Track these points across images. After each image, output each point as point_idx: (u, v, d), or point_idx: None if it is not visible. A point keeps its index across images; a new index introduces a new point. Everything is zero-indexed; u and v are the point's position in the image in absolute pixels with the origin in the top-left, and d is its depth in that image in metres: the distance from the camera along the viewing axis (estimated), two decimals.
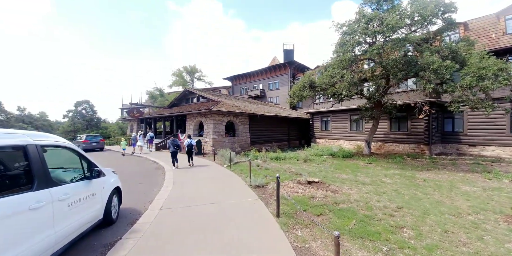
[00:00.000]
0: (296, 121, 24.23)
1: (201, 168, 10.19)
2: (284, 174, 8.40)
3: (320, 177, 8.16)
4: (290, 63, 29.55)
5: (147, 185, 7.61)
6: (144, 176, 9.17)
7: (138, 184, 7.79)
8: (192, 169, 9.96)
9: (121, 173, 10.10)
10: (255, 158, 13.61)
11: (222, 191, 6.15)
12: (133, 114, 24.81)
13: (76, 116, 50.90)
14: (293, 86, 15.50)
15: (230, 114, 16.41)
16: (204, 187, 6.67)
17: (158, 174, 9.37)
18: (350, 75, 11.12)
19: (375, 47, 10.58)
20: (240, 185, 6.77)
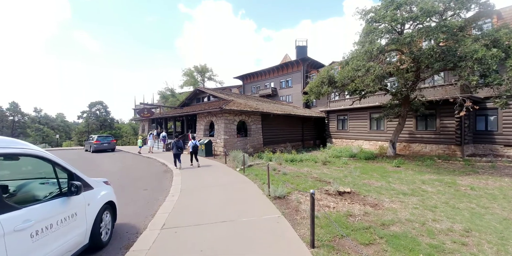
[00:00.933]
0: (310, 121, 23.00)
1: (211, 171, 9.31)
2: (306, 180, 7.34)
3: (348, 184, 7.05)
4: (304, 60, 28.27)
5: (152, 192, 6.79)
6: (150, 180, 8.40)
7: (142, 190, 6.99)
8: (202, 172, 9.10)
9: (126, 176, 9.49)
10: (269, 159, 12.61)
11: (236, 203, 5.19)
12: (144, 115, 24.44)
13: (90, 117, 51.82)
14: (310, 82, 14.37)
15: (242, 113, 15.49)
16: (215, 196, 5.75)
17: (165, 178, 8.57)
18: (378, 68, 9.86)
19: (407, 35, 9.30)
20: (256, 195, 5.80)
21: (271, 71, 32.76)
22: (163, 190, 6.85)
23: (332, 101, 22.72)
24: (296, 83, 29.49)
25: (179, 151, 10.30)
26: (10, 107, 41.27)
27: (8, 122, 40.29)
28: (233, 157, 11.18)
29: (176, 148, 10.27)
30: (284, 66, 30.69)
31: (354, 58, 11.24)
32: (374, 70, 9.91)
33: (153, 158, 14.60)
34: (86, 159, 15.85)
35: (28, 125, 43.73)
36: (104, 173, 10.14)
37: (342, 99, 22.09)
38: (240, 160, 9.73)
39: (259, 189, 6.28)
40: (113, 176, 9.41)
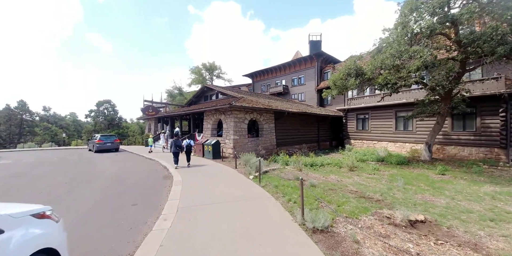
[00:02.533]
0: (326, 120, 21.10)
1: (219, 179, 7.67)
2: (345, 196, 5.57)
3: (405, 203, 5.27)
4: (318, 55, 26.34)
5: (142, 208, 5.22)
6: (145, 189, 6.85)
7: (130, 206, 5.42)
8: (207, 180, 7.47)
9: (119, 183, 7.83)
10: (285, 163, 10.90)
11: (256, 239, 3.46)
12: (149, 113, 23.22)
13: (98, 116, 51.44)
14: (333, 75, 12.56)
15: (253, 111, 13.83)
16: (223, 223, 4.04)
17: (163, 187, 7.00)
18: (427, 52, 7.99)
19: (466, 10, 7.38)
20: (284, 223, 4.01)
21: (282, 68, 30.98)
22: (156, 206, 5.26)
23: (351, 99, 20.77)
24: (310, 80, 27.60)
25: (178, 149, 10.33)
26: (18, 105, 41.22)
27: (16, 121, 40.22)
28: (245, 161, 9.52)
29: (175, 146, 10.29)
30: (296, 62, 28.85)
31: (390, 43, 9.39)
32: (421, 55, 8.03)
33: (155, 160, 13.16)
34: (84, 160, 14.58)
35: (36, 124, 43.59)
36: (95, 178, 8.71)
37: (362, 97, 20.13)
38: (254, 166, 8.06)
39: (284, 210, 4.53)
40: (104, 182, 7.97)
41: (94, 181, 8.19)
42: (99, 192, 6.68)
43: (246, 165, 9.17)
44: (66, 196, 6.31)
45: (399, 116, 17.35)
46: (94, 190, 6.91)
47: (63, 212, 5.05)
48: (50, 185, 7.74)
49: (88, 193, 6.63)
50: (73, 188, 7.19)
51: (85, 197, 6.20)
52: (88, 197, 6.24)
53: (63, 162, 13.92)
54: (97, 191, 6.80)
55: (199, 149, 13.86)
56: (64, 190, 7.01)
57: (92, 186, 7.44)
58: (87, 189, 7.13)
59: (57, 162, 13.99)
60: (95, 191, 6.85)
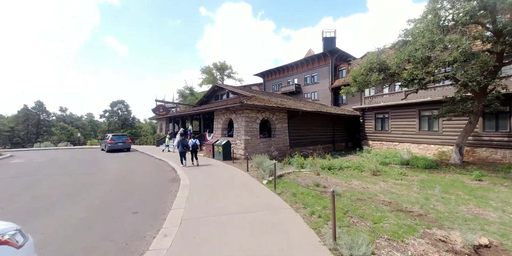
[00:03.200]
0: (342, 120, 20.03)
1: (229, 184, 6.99)
2: (378, 209, 4.68)
3: (446, 216, 4.37)
4: (332, 52, 25.25)
5: (142, 217, 4.62)
6: (149, 194, 6.28)
7: (130, 214, 4.85)
8: (217, 186, 6.81)
9: (123, 186, 7.20)
10: (300, 166, 10.10)
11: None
12: (159, 113, 23.01)
13: (112, 116, 52.42)
14: (352, 70, 11.61)
15: (265, 110, 13.10)
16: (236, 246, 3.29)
17: (169, 192, 6.42)
18: (466, 41, 6.98)
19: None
20: (310, 247, 3.16)
21: (294, 67, 30.06)
22: (158, 216, 4.65)
23: (369, 98, 19.61)
24: (323, 78, 26.54)
25: (185, 149, 10.51)
26: (36, 106, 42.62)
27: (34, 121, 41.58)
28: (257, 163, 8.80)
29: (182, 146, 10.47)
30: (309, 60, 27.86)
31: (420, 33, 8.40)
32: (459, 45, 7.02)
33: (164, 161, 12.72)
34: (94, 160, 14.39)
35: (53, 124, 44.90)
36: (100, 180, 8.28)
37: (381, 95, 18.94)
38: (267, 169, 7.32)
39: (308, 227, 3.73)
40: (109, 184, 7.52)
41: (98, 184, 7.75)
42: (100, 196, 6.18)
43: (259, 168, 8.45)
44: (64, 201, 5.84)
45: (423, 115, 16.09)
46: (96, 194, 6.43)
47: (55, 221, 4.54)
48: (52, 187, 7.36)
49: (89, 197, 6.15)
50: (74, 192, 6.75)
51: (84, 202, 5.71)
52: (88, 202, 5.74)
53: (73, 161, 13.77)
54: (99, 195, 6.30)
55: (209, 150, 13.30)
56: (64, 193, 6.58)
57: (94, 189, 6.98)
58: (89, 192, 6.66)
59: (68, 161, 13.86)
60: (96, 195, 6.36)
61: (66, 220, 4.57)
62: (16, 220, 4.76)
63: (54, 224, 4.40)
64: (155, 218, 4.56)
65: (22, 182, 8.16)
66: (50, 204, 5.65)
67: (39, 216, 4.86)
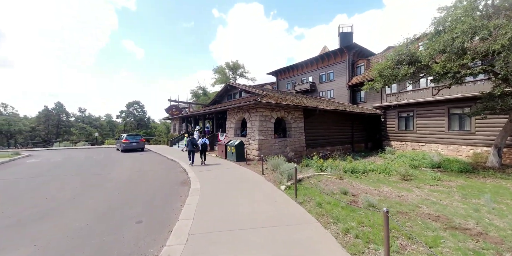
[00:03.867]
0: (361, 119, 18.88)
1: (243, 189, 6.33)
2: (431, 228, 3.72)
3: (505, 234, 3.49)
4: (349, 47, 24.03)
5: (145, 229, 4.07)
6: (156, 199, 5.76)
7: (133, 223, 4.31)
8: (230, 191, 6.18)
9: (131, 189, 6.49)
10: (319, 168, 9.29)
11: None
12: (172, 112, 22.89)
13: (128, 117, 53.54)
14: (377, 64, 10.64)
15: (280, 108, 12.37)
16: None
17: (177, 198, 5.87)
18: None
19: None
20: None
21: (309, 64, 29.04)
22: (164, 227, 4.08)
23: (390, 95, 18.35)
24: (340, 75, 25.35)
25: (194, 148, 10.55)
26: (56, 107, 44.25)
27: (54, 121, 43.19)
28: (272, 165, 8.09)
29: (191, 145, 10.51)
30: (324, 57, 26.76)
31: (457, 20, 7.36)
32: (506, 31, 5.98)
33: (176, 161, 12.31)
34: (107, 160, 14.28)
35: (72, 124, 46.47)
36: (109, 181, 7.92)
37: (404, 92, 17.66)
38: (285, 173, 6.58)
39: (344, 251, 2.92)
40: (116, 187, 7.14)
41: (106, 185, 7.37)
42: (105, 200, 5.73)
43: (275, 171, 7.74)
44: (66, 205, 5.43)
45: (452, 113, 14.72)
46: (101, 198, 5.99)
47: (51, 230, 4.07)
48: (59, 189, 7.05)
49: (92, 201, 5.71)
50: (78, 194, 6.37)
51: (86, 207, 5.26)
52: (91, 207, 5.29)
53: (87, 161, 13.70)
54: (104, 199, 5.86)
55: (221, 150, 12.74)
56: (69, 196, 6.20)
57: (100, 192, 6.57)
58: (94, 195, 6.25)
59: (82, 161, 13.81)
60: (101, 198, 5.93)
61: (63, 229, 4.10)
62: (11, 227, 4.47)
63: (50, 233, 3.93)
64: (160, 229, 3.98)
65: (31, 183, 7.94)
66: (52, 208, 5.25)
67: (37, 223, 4.44)
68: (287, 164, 7.47)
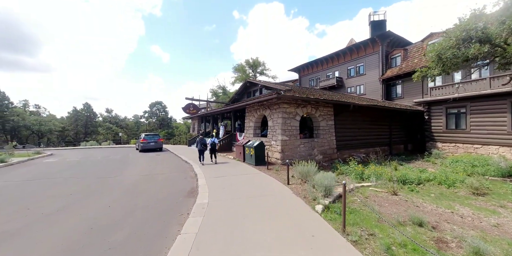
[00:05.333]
0: (401, 117, 16.42)
1: (265, 207, 4.75)
2: None
3: None
4: (383, 36, 21.41)
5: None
6: (150, 221, 4.43)
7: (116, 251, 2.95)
8: (246, 211, 4.67)
9: (133, 198, 5.47)
10: (359, 177, 7.46)
11: None
12: (190, 111, 22.05)
13: (151, 117, 54.61)
14: (435, 44, 8.50)
15: (307, 103, 10.63)
16: None
17: (178, 215, 4.53)
18: None
19: None
20: None
21: (335, 58, 26.70)
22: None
23: (435, 89, 15.73)
24: (371, 69, 22.80)
25: (203, 147, 10.63)
26: (84, 108, 46.21)
27: (82, 121, 45.12)
28: (300, 173, 6.44)
29: (200, 144, 10.62)
30: (353, 48, 24.30)
31: None
32: None
33: (189, 164, 11.15)
34: (123, 160, 13.63)
35: (99, 124, 48.29)
36: (112, 187, 6.85)
37: (451, 84, 15.02)
38: (321, 186, 4.88)
39: None
40: (116, 195, 6.14)
41: (103, 194, 6.27)
42: (90, 217, 4.54)
43: (304, 180, 6.08)
44: (40, 223, 4.30)
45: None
46: (88, 213, 4.82)
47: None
48: (53, 196, 6.11)
49: (75, 219, 4.53)
50: (66, 206, 5.28)
51: (66, 225, 4.10)
52: (67, 228, 4.09)
53: (102, 162, 13.16)
54: (90, 215, 4.68)
55: (239, 152, 11.31)
56: (54, 208, 5.13)
57: (92, 204, 5.44)
58: (82, 209, 5.11)
59: (97, 161, 13.34)
60: (87, 214, 4.75)
61: None
62: None
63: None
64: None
65: (29, 187, 7.13)
66: (28, 223, 4.19)
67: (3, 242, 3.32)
68: (321, 172, 5.76)
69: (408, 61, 20.35)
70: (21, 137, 38.44)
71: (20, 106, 39.79)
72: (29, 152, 17.33)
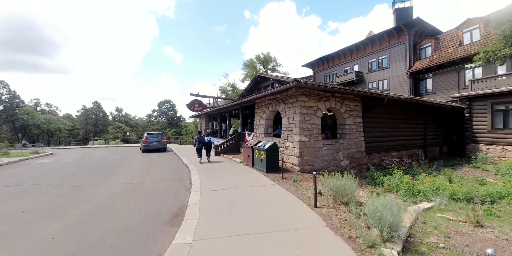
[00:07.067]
0: (437, 114, 14.09)
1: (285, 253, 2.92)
2: None
3: None
4: (409, 25, 18.94)
5: None
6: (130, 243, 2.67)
7: None
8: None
9: (97, 221, 3.57)
10: (410, 193, 5.46)
11: None
12: (195, 108, 20.50)
13: (160, 115, 53.89)
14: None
15: (330, 96, 8.66)
16: None
17: (169, 230, 2.74)
18: None
19: None
20: None
21: (354, 51, 24.37)
22: None
23: (476, 81, 13.36)
24: (396, 61, 20.37)
25: (201, 145, 10.79)
26: (93, 106, 45.95)
27: (92, 120, 44.86)
28: (333, 190, 4.49)
29: (198, 143, 10.78)
30: (375, 40, 21.91)
31: None
32: None
33: (189, 168, 9.50)
34: (118, 163, 12.24)
35: (109, 123, 47.96)
36: (84, 200, 5.25)
37: (494, 77, 12.65)
38: (378, 218, 2.97)
39: None
40: (82, 213, 4.57)
41: (68, 210, 4.75)
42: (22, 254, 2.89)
43: (343, 203, 4.18)
44: None
45: None
46: (27, 243, 3.21)
47: None
48: (3, 213, 4.56)
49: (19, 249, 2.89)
50: (9, 230, 3.71)
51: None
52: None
53: (95, 164, 11.87)
54: (25, 250, 3.03)
55: (247, 155, 9.50)
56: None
57: (44, 227, 3.93)
58: (26, 235, 3.56)
59: (90, 163, 12.11)
60: (25, 246, 3.12)
61: None
62: None
63: None
64: None
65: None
66: None
67: None
68: (370, 192, 3.83)
69: (441, 51, 17.86)
70: (31, 135, 38.47)
71: (31, 105, 39.87)
72: (24, 152, 16.28)
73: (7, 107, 33.17)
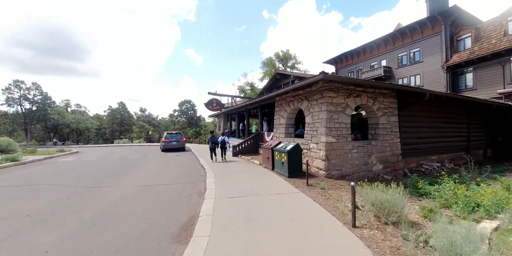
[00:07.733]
0: (482, 113, 12.36)
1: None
2: None
3: None
4: (445, 13, 16.99)
5: None
6: None
7: None
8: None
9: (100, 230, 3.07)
10: (469, 209, 4.39)
11: None
12: (212, 107, 20.12)
13: (181, 115, 54.88)
14: None
15: (361, 91, 7.64)
16: None
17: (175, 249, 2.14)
18: None
19: None
20: None
21: (381, 44, 22.63)
22: None
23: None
24: (430, 54, 18.50)
25: (214, 145, 10.82)
26: (119, 107, 47.84)
27: (118, 120, 46.75)
28: (376, 205, 3.60)
29: (211, 143, 10.85)
30: (405, 31, 20.10)
31: None
32: None
33: (205, 169, 8.99)
34: (136, 162, 12.18)
35: (133, 123, 49.71)
36: (91, 204, 4.89)
37: None
38: (446, 251, 2.16)
39: None
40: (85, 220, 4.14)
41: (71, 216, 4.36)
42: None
43: (389, 223, 3.31)
44: None
45: None
46: (33, 253, 2.76)
47: None
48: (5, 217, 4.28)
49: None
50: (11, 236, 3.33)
51: None
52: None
53: (113, 163, 11.91)
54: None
55: (266, 157, 8.75)
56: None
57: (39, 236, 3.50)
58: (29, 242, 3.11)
59: (109, 163, 12.19)
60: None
61: None
62: None
63: None
64: None
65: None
66: None
67: None
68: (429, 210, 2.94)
69: (483, 42, 15.84)
70: (62, 134, 40.86)
71: (62, 106, 42.36)
72: (50, 150, 16.91)
73: (39, 107, 35.46)
